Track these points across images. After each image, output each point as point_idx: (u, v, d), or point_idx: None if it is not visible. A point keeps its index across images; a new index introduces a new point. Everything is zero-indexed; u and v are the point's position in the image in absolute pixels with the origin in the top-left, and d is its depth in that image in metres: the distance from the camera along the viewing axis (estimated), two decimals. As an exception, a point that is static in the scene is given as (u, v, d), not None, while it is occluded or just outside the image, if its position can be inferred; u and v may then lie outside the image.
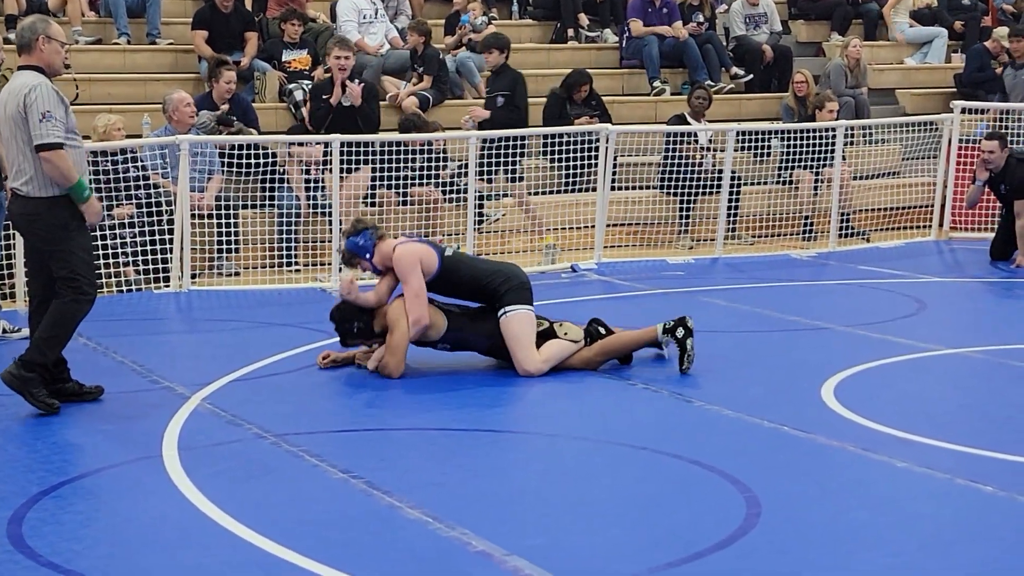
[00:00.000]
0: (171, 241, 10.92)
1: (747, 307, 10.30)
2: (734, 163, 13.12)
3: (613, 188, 12.67)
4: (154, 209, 10.98)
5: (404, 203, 12.10)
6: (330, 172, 11.45)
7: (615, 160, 12.56)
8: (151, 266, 10.86)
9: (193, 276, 11.02)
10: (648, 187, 13.52)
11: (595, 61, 15.84)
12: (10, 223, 7.90)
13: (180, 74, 13.90)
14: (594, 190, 12.54)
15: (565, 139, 12.75)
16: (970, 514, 5.58)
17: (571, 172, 12.83)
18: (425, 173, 12.09)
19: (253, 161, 11.48)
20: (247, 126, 12.10)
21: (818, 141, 13.51)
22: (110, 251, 10.64)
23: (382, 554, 5.09)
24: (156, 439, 6.62)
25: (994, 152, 12.65)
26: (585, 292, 10.99)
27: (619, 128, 12.92)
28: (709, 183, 13.20)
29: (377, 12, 14.59)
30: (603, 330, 8.23)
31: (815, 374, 7.94)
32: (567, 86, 13.74)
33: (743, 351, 8.73)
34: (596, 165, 12.47)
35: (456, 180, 12.18)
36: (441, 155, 12.41)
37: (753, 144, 14.11)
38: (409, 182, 12.13)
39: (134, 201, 10.94)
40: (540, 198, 12.82)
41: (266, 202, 11.85)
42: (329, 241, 11.51)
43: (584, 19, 16.39)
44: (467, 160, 11.89)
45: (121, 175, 10.90)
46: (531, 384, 7.84)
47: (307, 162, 11.92)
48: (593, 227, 12.48)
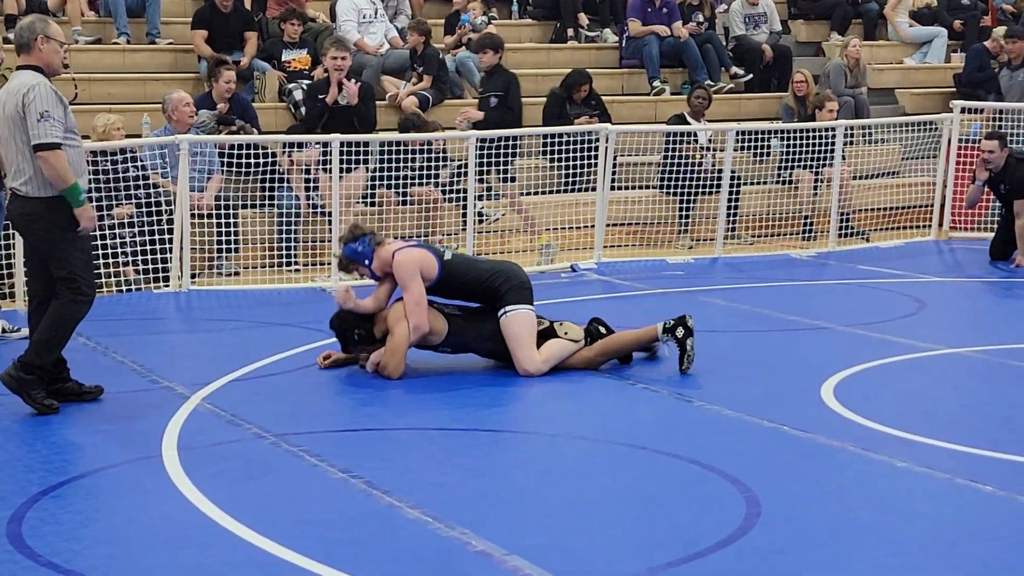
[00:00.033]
0: (171, 241, 10.91)
1: (747, 307, 10.29)
2: (734, 163, 13.11)
3: (613, 188, 12.66)
4: (154, 209, 10.97)
5: (404, 203, 12.10)
6: (325, 172, 11.46)
7: (615, 160, 12.55)
8: (151, 266, 10.86)
9: (193, 276, 11.02)
10: (648, 187, 13.52)
11: (595, 61, 15.84)
12: (10, 223, 7.88)
13: (179, 74, 13.90)
14: (594, 190, 12.53)
15: (565, 139, 12.74)
16: (970, 514, 5.58)
17: (571, 172, 12.82)
18: (425, 173, 12.08)
19: (253, 161, 11.48)
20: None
21: (818, 141, 13.50)
22: (110, 251, 10.64)
23: (382, 554, 5.09)
24: (156, 439, 6.62)
25: (994, 152, 12.64)
26: (585, 292, 10.99)
27: (619, 128, 12.91)
28: (709, 183, 13.19)
29: (377, 12, 14.58)
30: (603, 329, 8.23)
31: (815, 374, 7.93)
32: (567, 86, 13.74)
33: (743, 351, 8.73)
34: (596, 165, 12.46)
35: (455, 180, 12.17)
36: (441, 155, 12.41)
37: (753, 144, 14.11)
38: (409, 182, 12.12)
39: (134, 201, 10.94)
40: (540, 198, 12.82)
41: (266, 202, 11.85)
42: (328, 241, 11.50)
43: (584, 19, 16.38)
44: (466, 160, 11.88)
45: (121, 175, 10.90)
46: (531, 384, 7.83)
47: (305, 165, 11.91)
48: (593, 227, 12.47)
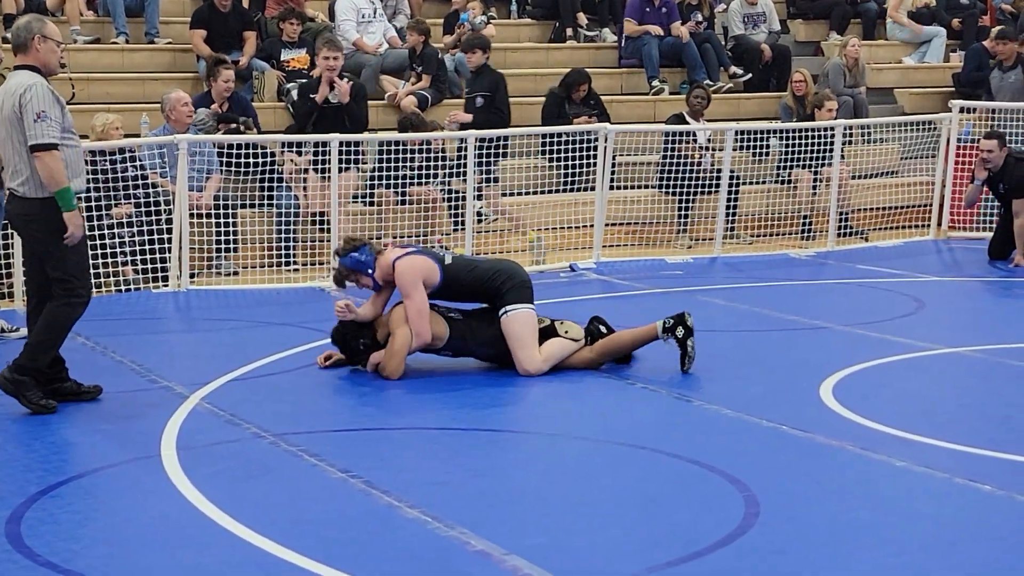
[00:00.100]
0: (170, 240, 10.91)
1: (746, 306, 10.29)
2: (733, 162, 13.11)
3: (612, 187, 12.67)
4: (152, 208, 10.97)
5: (402, 202, 12.10)
6: (314, 172, 11.46)
7: (614, 159, 12.55)
8: (149, 265, 10.85)
9: (192, 275, 11.01)
10: (647, 186, 13.52)
11: (594, 60, 15.84)
12: (8, 223, 7.88)
13: (178, 73, 13.89)
14: (593, 189, 12.54)
15: (564, 138, 12.74)
16: (969, 513, 5.57)
17: (570, 171, 12.82)
18: (424, 172, 12.07)
19: (251, 160, 11.48)
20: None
21: (817, 141, 13.50)
22: (108, 250, 10.64)
23: (381, 553, 5.09)
24: (155, 438, 6.62)
25: (993, 151, 12.63)
26: (584, 291, 10.98)
27: (618, 127, 12.92)
28: (708, 182, 13.19)
29: (376, 11, 14.58)
30: (604, 329, 8.22)
31: (814, 373, 7.93)
32: (566, 85, 13.74)
33: (742, 350, 8.73)
34: (595, 164, 12.46)
35: (447, 180, 12.17)
36: (440, 154, 12.40)
37: (752, 143, 14.10)
38: (408, 181, 12.12)
39: (132, 200, 10.93)
40: (539, 197, 12.82)
41: (264, 201, 11.84)
42: (323, 242, 11.51)
43: (583, 18, 16.38)
44: (466, 160, 11.88)
45: (119, 174, 10.89)
46: (531, 384, 7.83)
47: (298, 168, 11.89)
48: (592, 226, 12.47)
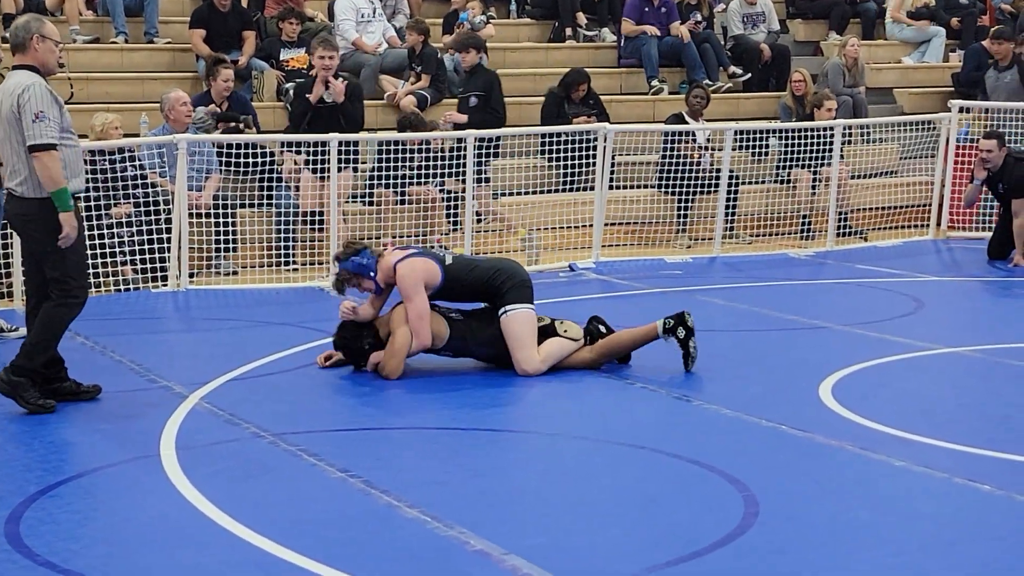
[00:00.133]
0: (169, 240, 10.91)
1: (745, 306, 10.29)
2: (732, 162, 13.11)
3: (611, 187, 12.67)
4: (152, 208, 10.97)
5: (402, 202, 12.10)
6: (310, 172, 11.45)
7: (613, 159, 12.55)
8: (149, 265, 10.85)
9: (191, 275, 11.01)
10: (646, 186, 13.52)
11: (593, 60, 15.83)
12: (7, 223, 7.88)
13: (178, 73, 13.88)
14: (592, 189, 12.54)
15: (563, 138, 12.74)
16: (969, 513, 5.58)
17: (569, 171, 12.81)
18: (423, 172, 12.07)
19: (251, 160, 11.47)
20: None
21: (816, 140, 13.50)
22: (107, 250, 10.64)
23: (380, 553, 5.09)
24: (154, 438, 6.62)
25: (992, 151, 12.63)
26: (583, 291, 10.98)
27: (617, 127, 12.92)
28: (707, 182, 13.19)
29: (375, 11, 14.57)
30: (603, 328, 8.22)
31: (813, 373, 7.93)
32: (565, 85, 13.74)
33: (741, 350, 8.73)
34: (594, 164, 12.46)
35: (442, 181, 12.16)
36: (438, 154, 12.39)
37: (751, 143, 14.10)
38: (407, 181, 12.12)
39: (132, 200, 10.93)
40: (538, 197, 12.82)
41: (264, 201, 11.84)
42: (320, 241, 11.50)
43: (582, 18, 16.37)
44: (459, 160, 11.89)
45: (119, 174, 10.89)
46: (531, 384, 7.83)
47: (297, 167, 11.88)
48: (591, 226, 12.47)
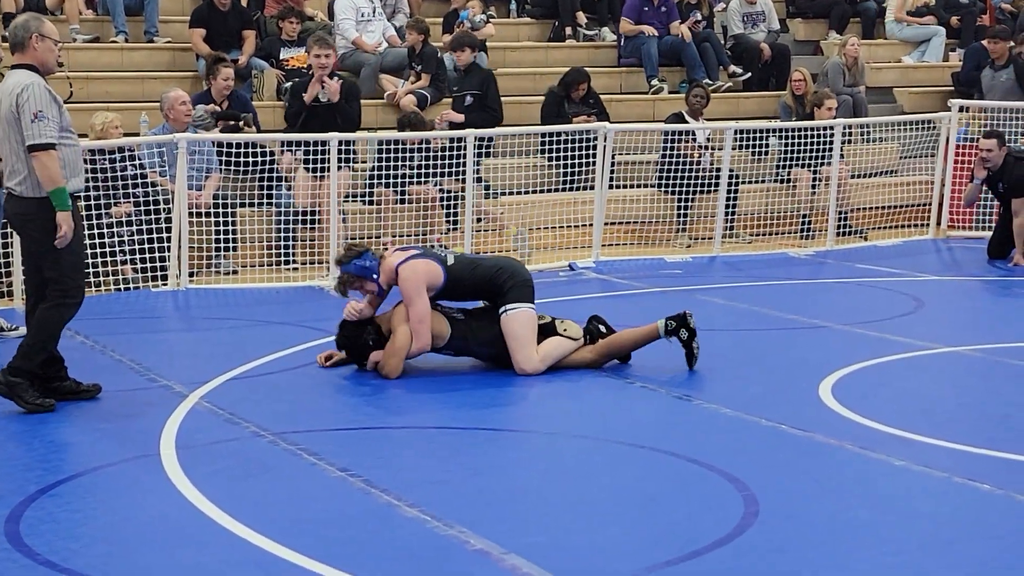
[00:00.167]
0: (169, 239, 10.91)
1: (745, 305, 10.29)
2: (732, 161, 13.11)
3: (611, 187, 12.67)
4: (152, 207, 10.97)
5: (402, 201, 12.10)
6: (305, 170, 11.45)
7: (613, 158, 12.55)
8: (149, 264, 10.85)
9: (191, 274, 11.01)
10: (646, 185, 13.52)
11: (593, 59, 15.83)
12: (7, 222, 7.89)
13: (178, 72, 13.88)
14: (592, 188, 12.54)
15: (563, 138, 12.74)
16: (968, 512, 5.58)
17: (569, 171, 12.81)
18: (423, 172, 12.07)
19: (251, 159, 11.47)
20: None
21: (816, 140, 13.50)
22: (108, 249, 10.64)
23: (380, 552, 5.09)
24: (154, 437, 6.62)
25: (992, 150, 12.63)
26: (583, 291, 10.98)
27: (617, 127, 12.92)
28: (707, 181, 13.19)
29: (375, 10, 14.57)
30: (603, 328, 8.22)
31: (813, 372, 7.93)
32: (565, 84, 13.74)
33: (741, 350, 8.73)
34: (594, 163, 12.47)
35: (439, 181, 12.16)
36: (437, 153, 12.38)
37: (751, 143, 14.10)
38: (407, 180, 12.11)
39: (132, 199, 10.93)
40: (538, 196, 12.82)
41: (264, 200, 11.84)
42: (326, 239, 11.50)
43: (582, 17, 16.38)
44: (454, 159, 11.89)
45: (119, 173, 10.90)
46: (531, 383, 7.83)
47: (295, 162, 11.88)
48: (591, 225, 12.47)
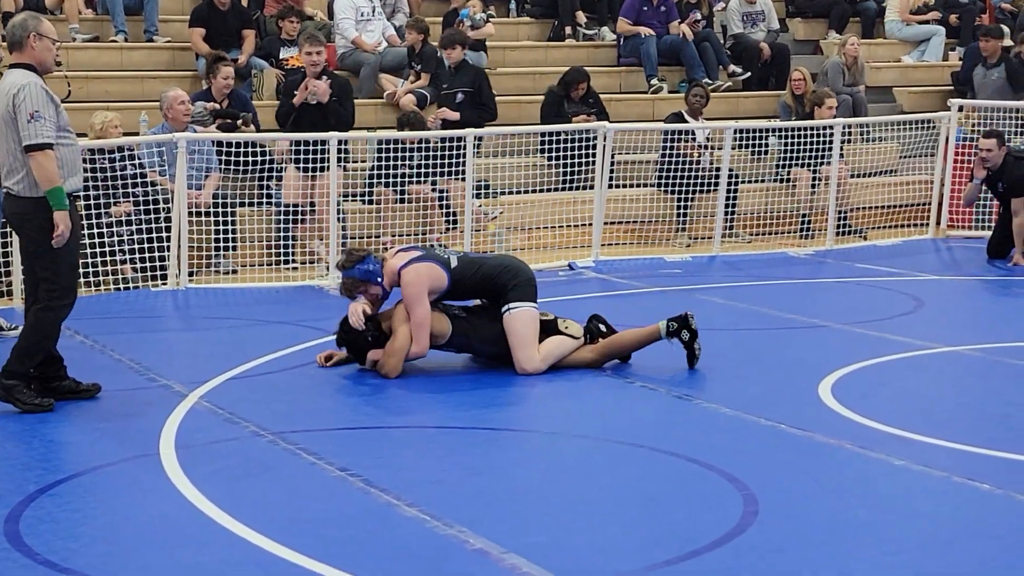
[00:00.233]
0: (168, 239, 10.91)
1: (745, 305, 10.29)
2: (732, 161, 13.10)
3: (611, 186, 12.67)
4: (151, 207, 10.97)
5: (401, 201, 12.09)
6: (296, 170, 11.45)
7: (612, 158, 12.55)
8: (148, 263, 10.85)
9: (191, 274, 11.01)
10: (646, 185, 13.52)
11: (592, 59, 15.82)
12: (6, 221, 7.89)
13: (177, 72, 13.88)
14: (592, 188, 12.54)
15: (562, 137, 12.74)
16: (968, 512, 5.58)
17: (568, 170, 12.81)
18: (423, 171, 12.07)
19: (250, 159, 11.47)
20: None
21: (816, 139, 13.50)
22: (107, 249, 10.64)
23: (379, 552, 5.09)
24: (153, 437, 6.62)
25: (992, 150, 12.63)
26: (583, 290, 10.98)
27: (616, 126, 12.91)
28: (707, 181, 13.19)
29: (375, 10, 14.57)
30: (603, 327, 8.23)
31: (813, 372, 7.93)
32: (564, 84, 13.74)
33: (741, 349, 8.73)
34: (593, 163, 12.47)
35: (435, 180, 12.16)
36: (433, 152, 12.37)
37: (751, 142, 14.09)
38: (407, 180, 12.11)
39: (131, 199, 10.93)
40: (538, 196, 12.82)
41: (264, 200, 11.83)
42: (313, 240, 11.51)
43: (582, 17, 16.37)
44: (447, 159, 11.90)
45: (118, 173, 10.89)
46: (531, 383, 7.83)
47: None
48: (591, 225, 12.47)
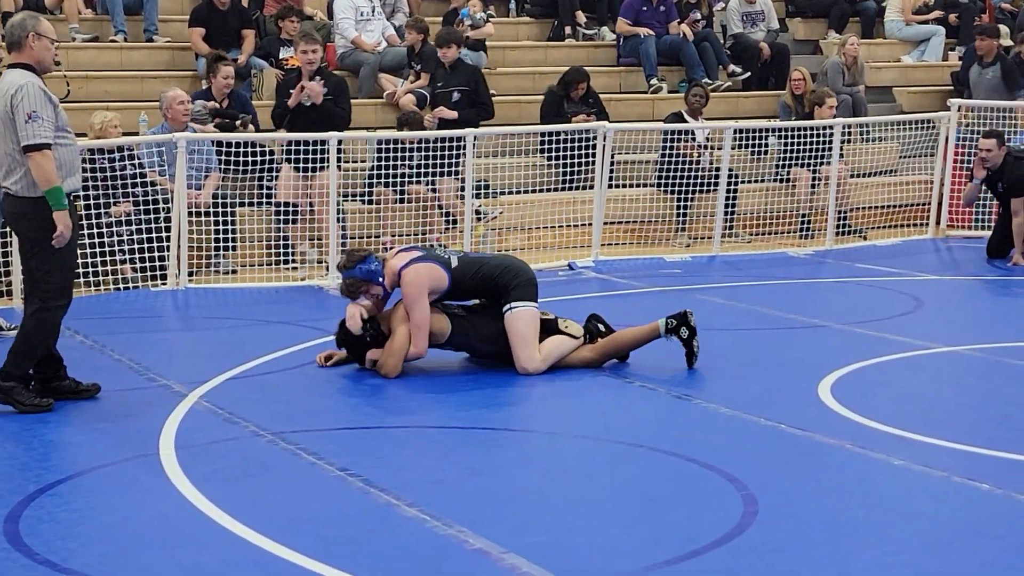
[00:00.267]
0: (168, 239, 10.91)
1: (744, 305, 10.29)
2: (731, 161, 13.11)
3: (610, 186, 12.67)
4: (151, 207, 10.97)
5: (401, 200, 12.09)
6: (295, 171, 11.45)
7: (612, 158, 12.55)
8: (148, 263, 10.85)
9: (190, 274, 11.01)
10: (645, 185, 13.52)
11: (592, 59, 15.82)
12: (5, 221, 7.88)
13: (177, 71, 13.88)
14: (591, 188, 12.54)
15: (562, 137, 12.74)
16: (968, 512, 5.58)
17: (568, 170, 12.81)
18: (422, 171, 12.07)
19: (250, 159, 11.46)
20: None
21: (815, 139, 13.50)
22: (107, 249, 10.64)
23: (379, 552, 5.09)
24: (153, 437, 6.62)
25: (992, 150, 12.62)
26: (582, 290, 10.98)
27: (616, 126, 12.91)
28: (706, 181, 13.19)
29: (374, 9, 14.57)
30: (602, 327, 8.23)
31: (812, 372, 7.93)
32: (564, 84, 13.74)
33: (741, 349, 8.73)
34: (593, 163, 12.47)
35: (432, 180, 12.16)
36: (431, 152, 12.36)
37: (750, 142, 14.09)
38: (407, 179, 12.11)
39: (131, 199, 10.93)
40: (538, 196, 12.82)
41: (263, 199, 11.83)
42: (313, 240, 11.51)
43: (581, 17, 16.37)
44: (444, 158, 11.90)
45: (118, 173, 10.89)
46: (530, 382, 7.83)
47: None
48: (590, 225, 12.47)
